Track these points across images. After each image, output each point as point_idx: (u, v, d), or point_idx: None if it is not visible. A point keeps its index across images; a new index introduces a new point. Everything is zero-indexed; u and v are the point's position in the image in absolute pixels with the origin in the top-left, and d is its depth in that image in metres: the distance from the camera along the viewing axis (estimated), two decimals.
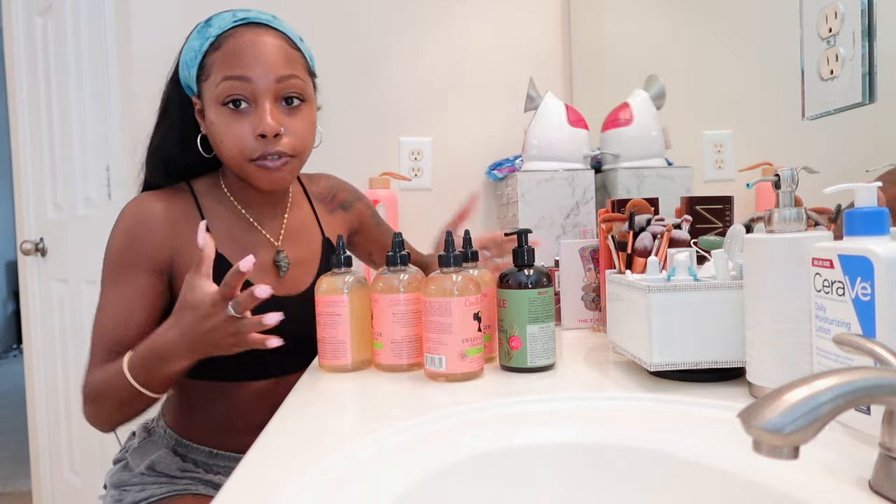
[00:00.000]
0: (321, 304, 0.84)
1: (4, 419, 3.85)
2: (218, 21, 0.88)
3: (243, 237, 0.95)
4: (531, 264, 0.81)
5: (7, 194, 3.52)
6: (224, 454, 0.97)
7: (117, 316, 0.87)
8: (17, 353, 5.83)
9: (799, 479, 0.45)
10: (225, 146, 0.87)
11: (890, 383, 0.35)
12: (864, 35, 0.82)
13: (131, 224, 0.89)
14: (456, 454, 0.54)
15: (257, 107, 0.85)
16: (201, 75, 0.88)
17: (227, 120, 0.86)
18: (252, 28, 0.87)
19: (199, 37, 0.88)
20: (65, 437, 2.06)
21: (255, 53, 0.85)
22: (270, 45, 0.86)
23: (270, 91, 0.85)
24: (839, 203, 0.71)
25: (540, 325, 0.78)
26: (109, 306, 0.88)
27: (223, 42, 0.86)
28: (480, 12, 1.81)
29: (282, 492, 0.47)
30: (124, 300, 0.87)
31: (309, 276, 0.99)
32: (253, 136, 0.85)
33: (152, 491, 0.93)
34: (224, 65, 0.85)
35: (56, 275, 2.06)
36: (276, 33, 0.88)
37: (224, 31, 0.87)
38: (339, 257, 0.86)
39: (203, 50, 0.87)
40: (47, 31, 2.05)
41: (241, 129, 0.85)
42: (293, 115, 0.88)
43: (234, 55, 0.85)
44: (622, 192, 1.36)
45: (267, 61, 0.85)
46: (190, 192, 0.95)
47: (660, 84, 1.38)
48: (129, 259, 0.88)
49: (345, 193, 1.13)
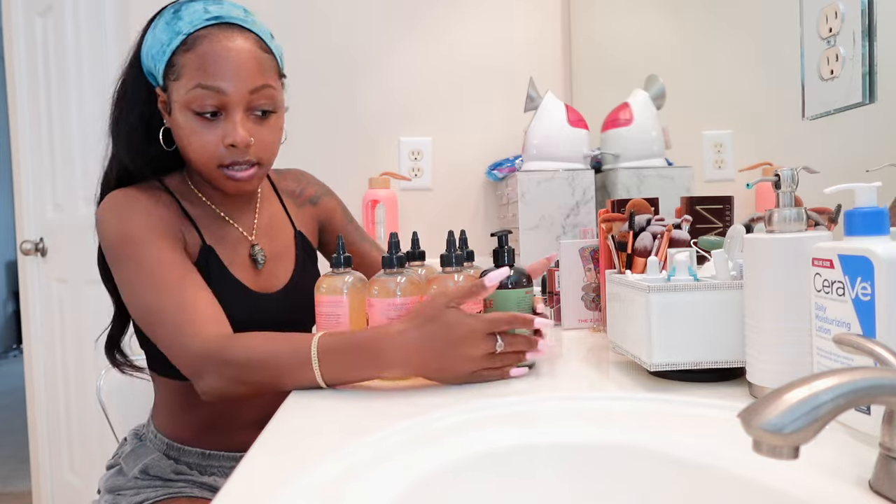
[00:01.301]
0: (321, 304, 0.84)
1: (4, 419, 3.85)
2: (188, 15, 0.84)
3: (219, 232, 0.93)
4: (512, 265, 0.81)
5: (7, 194, 3.52)
6: (217, 454, 0.97)
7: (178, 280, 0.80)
8: (17, 353, 5.83)
9: (799, 479, 0.45)
10: (192, 150, 0.86)
11: (890, 383, 0.35)
12: (864, 35, 0.82)
13: (126, 205, 0.86)
14: (455, 454, 0.54)
15: (228, 116, 0.84)
16: (170, 73, 0.85)
17: (197, 127, 0.84)
18: (225, 30, 0.84)
19: (167, 30, 0.85)
20: (65, 437, 2.06)
21: (229, 63, 0.83)
22: (244, 52, 0.84)
23: (243, 102, 0.84)
24: (839, 203, 0.71)
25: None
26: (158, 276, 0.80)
27: (196, 44, 0.83)
28: (481, 12, 1.81)
29: (281, 492, 0.47)
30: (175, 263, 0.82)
31: (286, 270, 0.98)
32: (222, 144, 0.84)
33: (147, 494, 0.93)
34: (197, 71, 0.83)
35: (56, 275, 2.06)
36: (248, 35, 0.86)
37: (196, 29, 0.83)
38: (340, 257, 0.85)
39: (173, 47, 0.84)
40: (47, 31, 2.05)
41: (210, 136, 0.84)
42: (263, 124, 0.87)
43: (208, 63, 0.82)
44: (622, 192, 1.36)
45: (241, 72, 0.83)
46: (165, 189, 0.92)
47: (660, 84, 1.38)
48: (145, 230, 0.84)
49: (313, 188, 1.11)
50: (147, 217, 0.86)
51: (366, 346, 0.72)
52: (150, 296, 0.81)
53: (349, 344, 0.72)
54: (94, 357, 1.15)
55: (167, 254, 0.83)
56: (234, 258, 0.93)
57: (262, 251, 0.96)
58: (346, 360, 0.72)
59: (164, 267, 0.82)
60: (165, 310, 0.79)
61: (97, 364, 1.18)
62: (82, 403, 1.95)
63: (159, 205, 0.89)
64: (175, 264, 0.83)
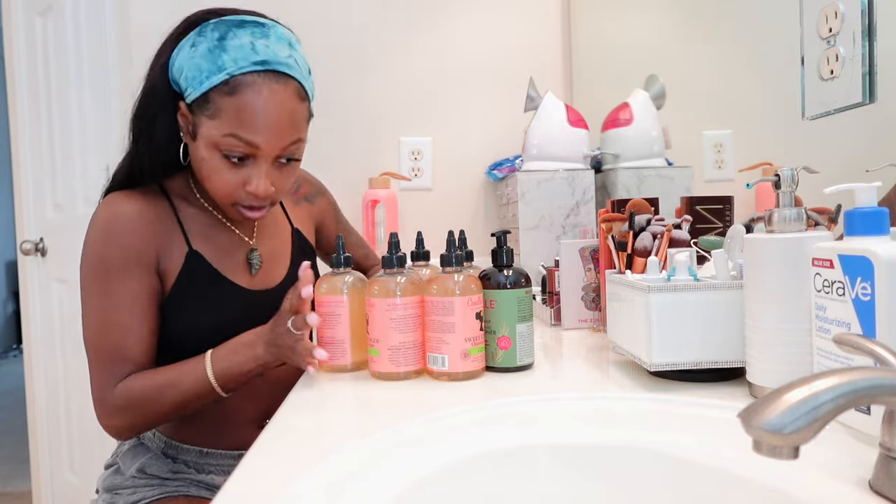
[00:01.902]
0: (321, 304, 0.84)
1: (4, 419, 3.85)
2: (234, 51, 0.82)
3: (218, 237, 0.95)
4: (510, 265, 0.81)
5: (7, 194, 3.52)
6: (215, 452, 0.97)
7: (123, 324, 0.86)
8: (17, 353, 5.82)
9: (799, 479, 0.45)
10: (211, 184, 0.87)
11: (890, 383, 0.35)
12: (864, 35, 0.82)
13: (111, 225, 0.87)
14: (456, 454, 0.54)
15: (255, 165, 0.85)
16: (204, 107, 0.83)
17: (221, 167, 0.85)
18: (270, 79, 0.82)
19: (209, 58, 0.82)
20: (65, 437, 2.06)
21: (268, 119, 0.82)
22: (284, 107, 0.83)
23: (273, 155, 0.85)
24: (839, 203, 0.71)
25: (526, 323, 0.80)
26: (108, 314, 0.86)
27: (238, 90, 0.81)
28: (481, 12, 1.81)
29: (282, 492, 0.47)
30: (125, 306, 0.86)
31: (281, 269, 1.01)
32: (242, 187, 0.86)
33: (144, 493, 0.93)
34: (236, 120, 0.81)
35: (56, 275, 2.06)
36: (290, 84, 0.84)
37: (241, 72, 0.81)
38: (339, 257, 0.86)
39: (213, 82, 0.82)
40: (47, 31, 2.05)
41: (232, 178, 0.85)
42: (284, 170, 0.89)
43: (247, 115, 0.81)
44: (622, 192, 1.36)
45: (277, 128, 0.83)
46: (163, 193, 0.93)
47: (660, 84, 1.38)
48: (118, 262, 0.86)
49: (308, 186, 1.13)
50: (126, 242, 0.87)
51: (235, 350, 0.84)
52: (90, 320, 0.88)
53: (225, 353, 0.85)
54: None
55: (124, 291, 0.87)
56: (227, 260, 0.95)
57: (259, 257, 0.98)
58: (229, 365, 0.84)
59: (113, 308, 0.87)
60: (94, 339, 0.87)
61: None
62: (82, 403, 1.95)
63: (146, 222, 0.88)
64: (124, 307, 0.87)
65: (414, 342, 0.79)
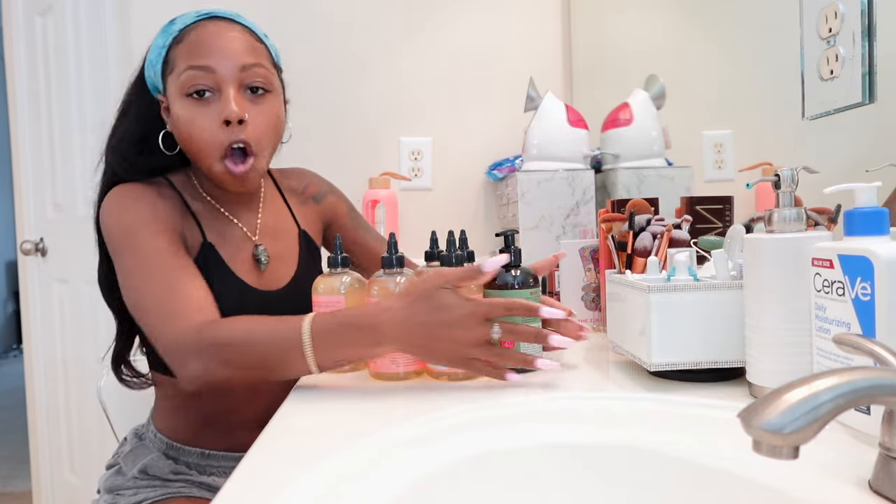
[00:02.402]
0: (319, 304, 0.84)
1: (4, 419, 3.85)
2: (181, 19, 0.89)
3: (221, 230, 0.94)
4: (518, 265, 0.80)
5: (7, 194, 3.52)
6: (217, 454, 0.97)
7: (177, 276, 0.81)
8: (17, 353, 5.82)
9: (799, 479, 0.45)
10: (193, 140, 0.86)
11: (890, 383, 0.35)
12: (864, 35, 0.82)
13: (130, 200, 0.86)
14: (456, 454, 0.54)
15: (221, 95, 0.85)
16: (166, 69, 0.88)
17: (192, 111, 0.85)
18: (215, 21, 0.88)
19: (162, 35, 0.89)
20: (65, 437, 2.06)
21: (219, 43, 0.85)
22: (234, 36, 0.87)
23: (234, 79, 0.85)
24: (839, 203, 0.71)
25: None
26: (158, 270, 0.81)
27: (186, 35, 0.87)
28: (481, 12, 1.81)
29: (282, 492, 0.47)
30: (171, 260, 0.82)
31: (289, 270, 0.98)
32: (218, 125, 0.84)
33: (146, 494, 0.93)
34: (188, 55, 0.85)
35: (56, 275, 2.06)
36: (239, 26, 0.89)
37: (186, 24, 0.88)
38: (337, 257, 0.85)
39: (167, 45, 0.88)
40: (47, 31, 2.05)
41: (206, 119, 0.85)
42: (257, 103, 0.88)
43: (198, 46, 0.85)
44: (622, 192, 1.36)
45: (230, 50, 0.85)
46: (169, 184, 0.94)
47: (660, 84, 1.38)
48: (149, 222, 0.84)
49: (316, 186, 1.11)
50: (149, 209, 0.87)
51: (356, 324, 0.71)
52: (142, 281, 0.81)
53: (339, 322, 0.71)
54: (94, 357, 1.15)
55: (164, 244, 0.84)
56: (236, 256, 0.93)
57: (266, 251, 0.96)
58: (337, 338, 0.71)
59: (158, 255, 0.82)
60: (154, 296, 0.80)
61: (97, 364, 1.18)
62: (82, 403, 1.95)
63: (162, 199, 0.90)
64: (170, 254, 0.83)
65: None
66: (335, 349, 0.71)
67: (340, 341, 0.71)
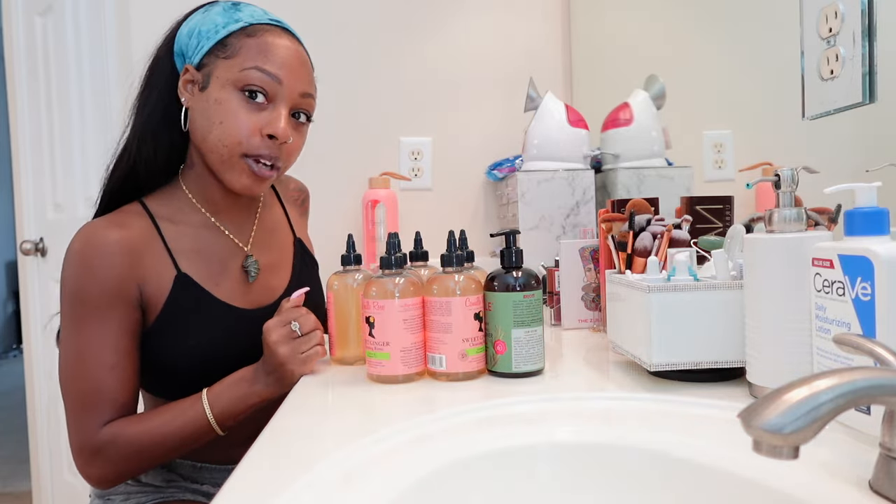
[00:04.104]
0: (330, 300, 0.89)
1: (4, 419, 3.85)
2: (250, 10, 0.87)
3: (211, 246, 0.91)
4: (519, 266, 0.78)
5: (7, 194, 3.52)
6: (210, 467, 0.96)
7: (103, 363, 0.81)
8: (17, 353, 5.82)
9: (799, 479, 0.45)
10: (224, 129, 0.83)
11: (890, 383, 0.35)
12: (864, 35, 0.82)
13: (89, 259, 0.82)
14: (456, 454, 0.54)
15: (274, 108, 0.84)
16: (220, 51, 0.84)
17: (239, 106, 0.83)
18: (287, 35, 0.87)
19: (224, 15, 0.86)
20: (65, 438, 2.06)
21: (291, 61, 0.85)
22: (303, 59, 0.88)
23: (292, 101, 0.86)
24: (839, 203, 0.71)
25: (526, 329, 0.76)
26: (87, 354, 0.81)
27: (259, 32, 0.84)
28: (481, 12, 1.81)
29: (282, 492, 0.47)
30: (106, 344, 0.81)
31: (281, 281, 0.97)
32: (259, 133, 0.83)
33: (138, 500, 0.92)
34: (259, 55, 0.83)
35: (56, 275, 2.04)
36: (304, 51, 0.89)
37: (259, 22, 0.86)
38: (350, 256, 0.89)
39: (230, 29, 0.84)
40: (47, 31, 2.05)
41: (248, 121, 0.83)
42: (298, 130, 0.89)
43: (274, 52, 0.84)
44: (622, 192, 1.36)
45: (299, 73, 0.86)
46: (146, 213, 0.88)
47: (660, 84, 1.38)
48: (97, 298, 0.81)
49: (308, 198, 1.13)
50: (105, 276, 0.82)
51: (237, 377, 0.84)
52: (70, 368, 0.83)
53: (224, 391, 0.83)
54: None
55: (105, 329, 0.82)
56: (220, 276, 0.90)
57: (256, 263, 0.93)
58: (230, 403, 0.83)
59: (93, 346, 0.82)
60: (74, 390, 0.83)
61: None
62: None
63: (125, 254, 0.83)
64: (106, 345, 0.82)
65: (415, 343, 0.78)
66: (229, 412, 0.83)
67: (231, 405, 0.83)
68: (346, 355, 0.89)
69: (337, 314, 0.88)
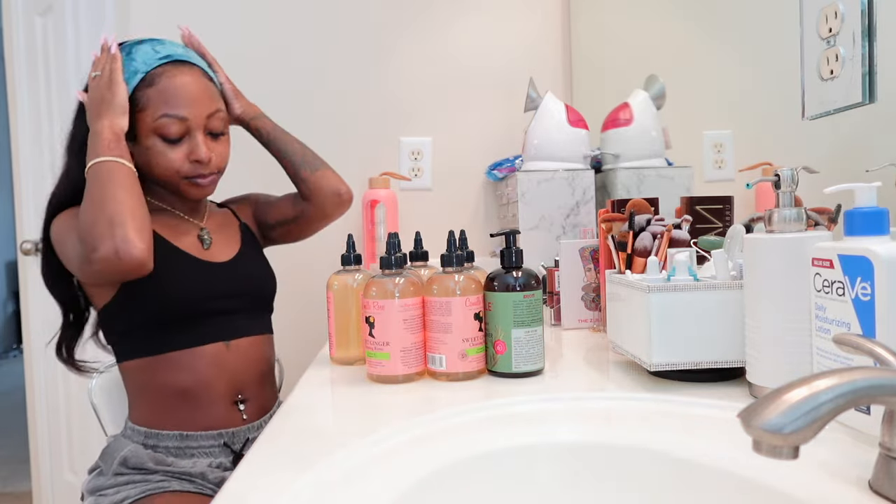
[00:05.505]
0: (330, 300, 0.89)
1: (4, 419, 3.84)
2: (141, 56, 0.99)
3: (170, 222, 1.06)
4: (519, 266, 0.78)
5: (7, 194, 3.52)
6: (194, 434, 0.99)
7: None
8: (17, 353, 5.82)
9: (799, 479, 0.45)
10: (159, 166, 1.00)
11: (890, 383, 0.35)
12: (864, 35, 0.82)
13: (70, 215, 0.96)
14: (456, 454, 0.54)
15: (191, 138, 1.00)
16: (134, 106, 0.98)
17: (164, 149, 0.99)
18: (178, 67, 1.00)
19: (126, 69, 0.99)
20: (65, 437, 2.06)
21: (188, 96, 0.99)
22: (198, 85, 1.01)
23: (202, 126, 1.01)
24: (839, 203, 0.71)
25: (526, 329, 0.76)
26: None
27: (155, 79, 0.98)
28: (480, 12, 1.81)
29: (282, 492, 0.47)
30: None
31: (232, 250, 1.10)
32: (188, 161, 1.00)
33: (127, 492, 0.94)
34: (162, 103, 0.98)
35: None
36: (196, 70, 1.02)
37: (152, 68, 0.99)
38: (350, 256, 0.90)
39: (132, 84, 0.98)
40: (47, 31, 2.05)
41: (175, 155, 0.99)
42: (218, 140, 1.04)
43: (171, 96, 0.98)
44: (622, 192, 1.36)
45: (198, 102, 1.00)
46: None
47: (660, 84, 1.38)
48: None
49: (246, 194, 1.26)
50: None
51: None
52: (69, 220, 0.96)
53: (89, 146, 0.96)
54: (94, 357, 1.15)
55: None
56: (181, 238, 1.04)
57: (209, 233, 1.08)
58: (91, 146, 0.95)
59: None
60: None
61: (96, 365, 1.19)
62: (82, 403, 1.94)
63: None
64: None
65: (415, 344, 0.78)
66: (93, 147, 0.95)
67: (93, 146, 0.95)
68: (346, 355, 0.89)
69: (337, 314, 0.89)
